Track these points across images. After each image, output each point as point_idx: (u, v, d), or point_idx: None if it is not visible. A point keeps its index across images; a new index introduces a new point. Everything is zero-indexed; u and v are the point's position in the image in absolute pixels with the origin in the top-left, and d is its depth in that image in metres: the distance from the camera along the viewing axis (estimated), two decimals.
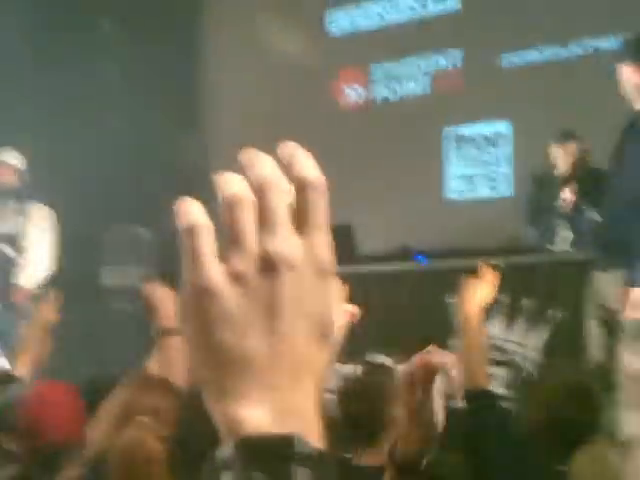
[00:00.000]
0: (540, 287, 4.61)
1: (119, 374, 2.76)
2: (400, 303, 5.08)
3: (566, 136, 5.45)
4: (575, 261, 4.63)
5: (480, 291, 2.64)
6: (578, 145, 5.42)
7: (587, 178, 5.31)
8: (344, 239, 5.59)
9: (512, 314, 4.60)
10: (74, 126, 6.87)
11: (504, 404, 4.56)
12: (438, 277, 4.99)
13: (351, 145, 7.20)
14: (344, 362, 5.15)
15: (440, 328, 4.82)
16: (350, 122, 7.38)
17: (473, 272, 4.69)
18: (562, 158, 5.43)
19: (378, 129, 7.21)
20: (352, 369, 5.09)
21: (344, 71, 7.55)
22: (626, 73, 3.47)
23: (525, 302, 4.59)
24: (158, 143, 7.11)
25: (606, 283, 3.61)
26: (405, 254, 5.54)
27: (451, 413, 2.96)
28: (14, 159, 6.02)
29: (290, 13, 7.46)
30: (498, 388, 4.66)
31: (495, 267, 2.73)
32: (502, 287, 4.40)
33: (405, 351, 4.85)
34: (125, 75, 7.27)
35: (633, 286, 3.37)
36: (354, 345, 4.82)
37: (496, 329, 4.67)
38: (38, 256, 6.01)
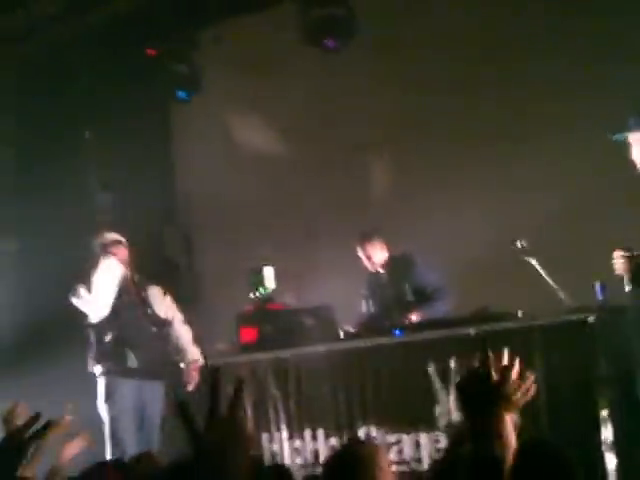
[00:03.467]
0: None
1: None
2: (383, 376, 5.24)
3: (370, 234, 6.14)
4: (543, 326, 4.81)
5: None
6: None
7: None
8: (327, 318, 5.87)
9: None
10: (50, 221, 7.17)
11: None
12: (417, 348, 5.17)
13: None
14: (330, 435, 5.29)
15: (424, 396, 5.04)
16: None
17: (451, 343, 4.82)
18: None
19: None
20: (338, 442, 5.19)
21: None
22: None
23: None
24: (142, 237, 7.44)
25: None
26: (383, 329, 5.70)
27: None
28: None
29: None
30: None
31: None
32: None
33: (392, 423, 5.06)
34: (108, 177, 7.66)
35: None
36: (341, 418, 5.05)
37: None
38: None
